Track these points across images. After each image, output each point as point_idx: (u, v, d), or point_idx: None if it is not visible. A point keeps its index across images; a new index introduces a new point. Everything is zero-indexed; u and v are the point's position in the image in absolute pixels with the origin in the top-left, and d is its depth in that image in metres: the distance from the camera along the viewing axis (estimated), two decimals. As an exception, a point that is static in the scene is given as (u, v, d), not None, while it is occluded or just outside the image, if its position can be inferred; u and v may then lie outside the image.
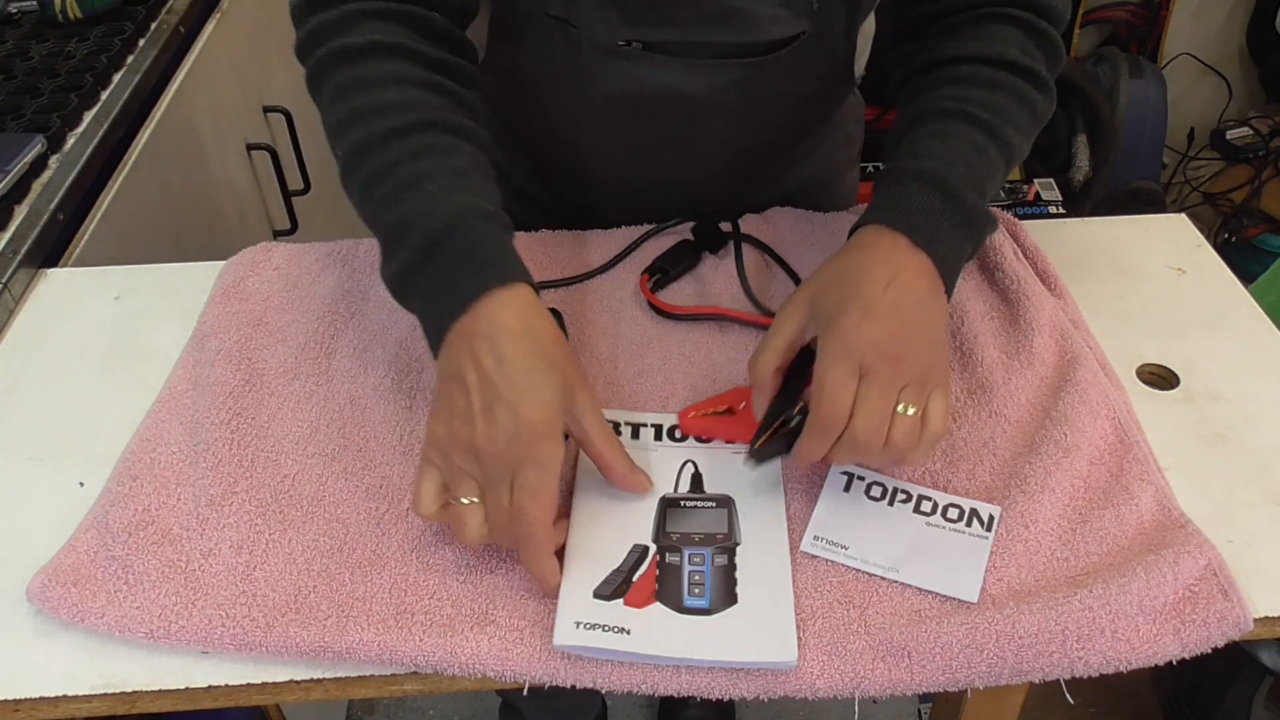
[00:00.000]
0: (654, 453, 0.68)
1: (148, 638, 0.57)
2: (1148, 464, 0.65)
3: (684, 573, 0.59)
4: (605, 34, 0.74)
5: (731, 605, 0.58)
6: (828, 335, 0.59)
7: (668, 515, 0.63)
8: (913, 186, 0.64)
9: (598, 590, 0.58)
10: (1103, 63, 2.28)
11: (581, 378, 0.60)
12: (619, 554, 0.61)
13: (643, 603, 0.58)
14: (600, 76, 0.77)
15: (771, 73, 0.77)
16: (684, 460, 0.67)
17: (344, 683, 0.57)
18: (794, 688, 0.56)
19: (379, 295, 0.81)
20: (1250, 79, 2.38)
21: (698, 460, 0.67)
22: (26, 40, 1.19)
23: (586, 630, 0.56)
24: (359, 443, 0.69)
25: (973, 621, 0.56)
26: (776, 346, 0.63)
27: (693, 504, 0.64)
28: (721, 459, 0.67)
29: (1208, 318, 0.79)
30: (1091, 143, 2.22)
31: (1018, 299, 0.77)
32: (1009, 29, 0.72)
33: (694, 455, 0.68)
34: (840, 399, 0.57)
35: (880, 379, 0.57)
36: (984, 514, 0.63)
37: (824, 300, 0.61)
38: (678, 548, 0.61)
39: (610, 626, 0.56)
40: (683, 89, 0.77)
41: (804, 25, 0.74)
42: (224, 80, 1.34)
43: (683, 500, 0.64)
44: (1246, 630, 0.56)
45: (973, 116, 0.67)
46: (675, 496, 0.65)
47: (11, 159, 0.93)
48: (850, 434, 0.57)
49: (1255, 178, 2.28)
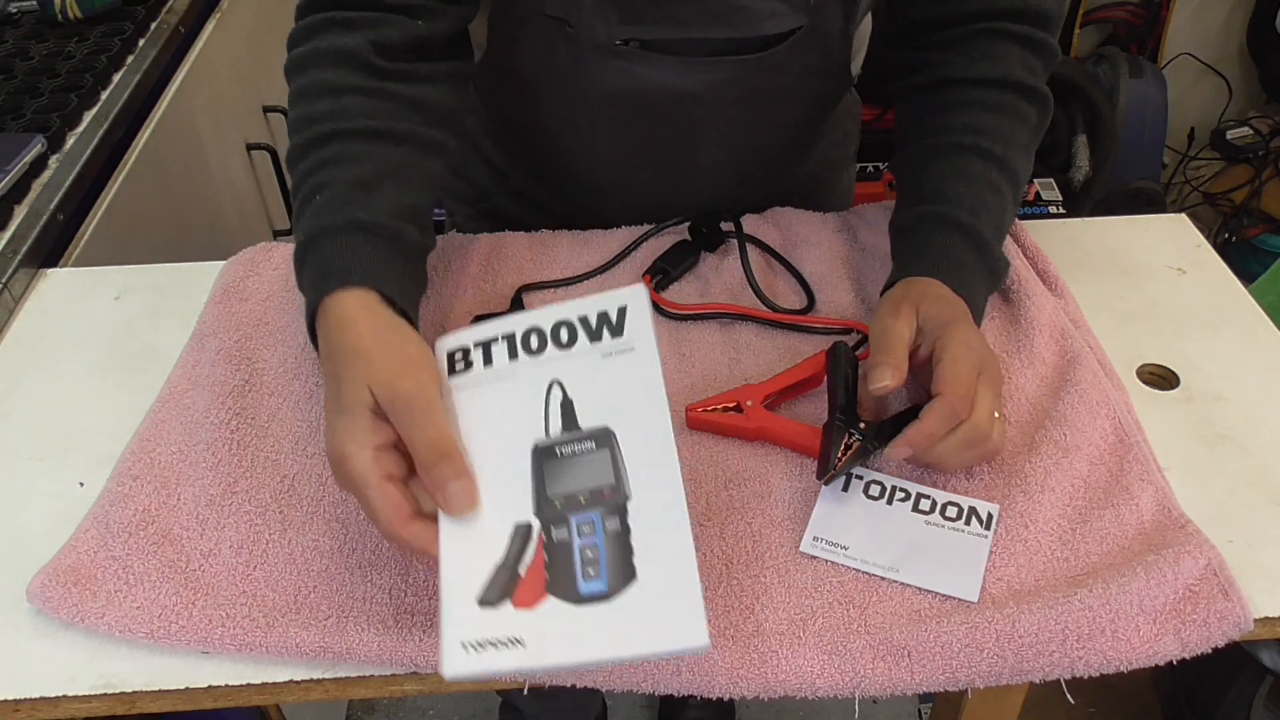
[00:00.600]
0: (510, 382, 0.58)
1: (148, 638, 0.57)
2: (1148, 464, 0.65)
3: (574, 550, 0.53)
4: (604, 33, 0.74)
5: (631, 582, 0.51)
6: (949, 337, 0.63)
7: (545, 472, 0.55)
8: (951, 238, 0.70)
9: (483, 597, 0.52)
10: (1103, 63, 2.28)
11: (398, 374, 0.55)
12: (499, 538, 0.54)
13: (534, 599, 0.52)
14: (598, 76, 0.77)
15: (768, 69, 0.77)
16: (549, 380, 0.57)
17: (344, 683, 0.57)
18: (794, 687, 0.56)
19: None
20: (1250, 79, 2.38)
21: (562, 378, 0.57)
22: (26, 40, 1.19)
23: (476, 653, 0.51)
24: (359, 443, 0.69)
25: (973, 621, 0.56)
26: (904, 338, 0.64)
27: (570, 448, 0.56)
28: (582, 362, 0.58)
29: (1208, 318, 0.79)
30: (1091, 143, 2.22)
31: (1018, 299, 0.77)
32: (1010, 47, 0.76)
33: (556, 368, 0.58)
34: (971, 389, 0.62)
35: (993, 381, 0.64)
36: (983, 512, 0.63)
37: (930, 308, 0.65)
38: (564, 517, 0.54)
39: (502, 641, 0.51)
40: (681, 87, 0.77)
41: (800, 20, 0.74)
42: (224, 80, 1.34)
43: (558, 446, 0.56)
44: (1246, 630, 0.56)
45: (987, 152, 0.72)
46: (549, 442, 0.56)
47: (11, 159, 0.93)
48: (973, 423, 0.61)
49: (1255, 178, 2.28)
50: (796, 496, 0.65)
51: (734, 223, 0.86)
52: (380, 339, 0.57)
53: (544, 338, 0.59)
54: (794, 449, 0.68)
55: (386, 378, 0.55)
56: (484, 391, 0.58)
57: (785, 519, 0.64)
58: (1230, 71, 2.36)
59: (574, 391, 0.57)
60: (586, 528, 0.54)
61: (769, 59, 0.76)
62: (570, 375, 0.57)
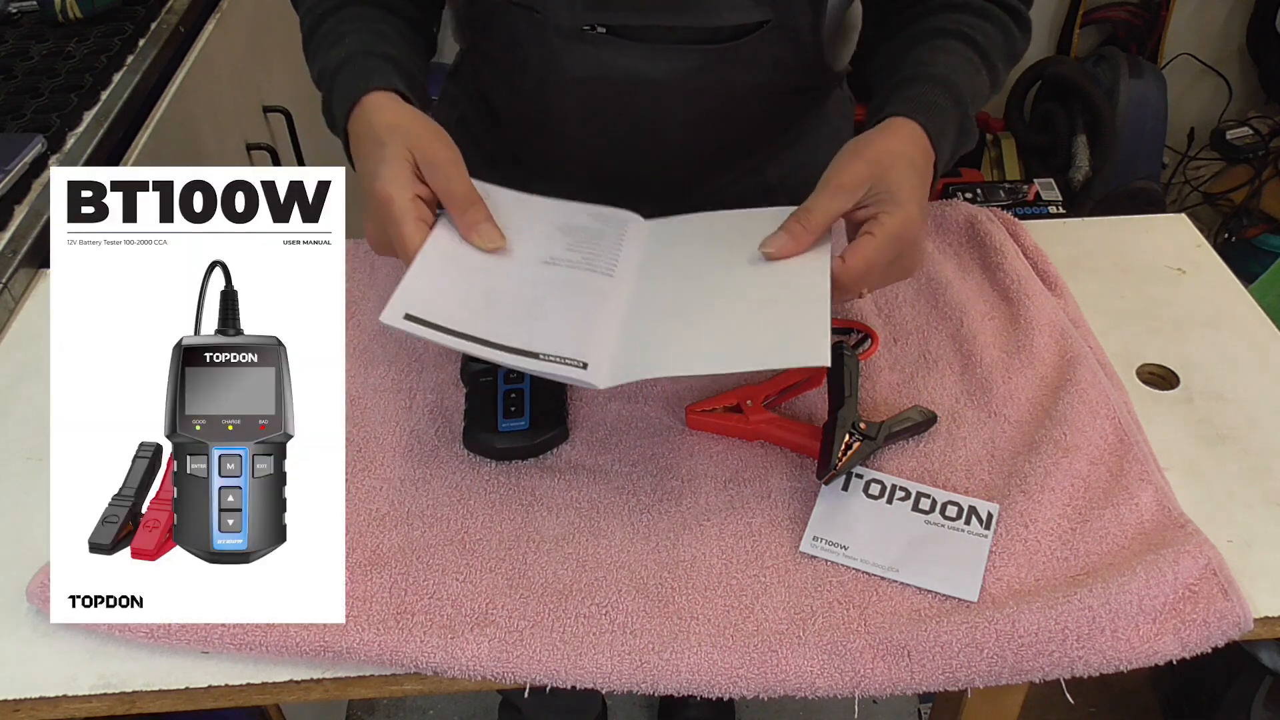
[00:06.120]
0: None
1: (148, 638, 0.57)
2: (1148, 464, 0.65)
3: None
4: (569, 18, 0.75)
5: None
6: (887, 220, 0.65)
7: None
8: (931, 88, 0.72)
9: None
10: (1103, 63, 2.28)
11: (434, 143, 0.67)
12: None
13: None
14: (567, 61, 0.78)
15: (734, 61, 0.78)
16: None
17: (344, 683, 0.57)
18: (794, 687, 0.56)
19: (378, 295, 0.81)
20: (1250, 79, 2.38)
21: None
22: (26, 40, 1.19)
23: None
24: (358, 443, 0.69)
25: (972, 621, 0.56)
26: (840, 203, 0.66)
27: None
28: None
29: (1208, 318, 0.79)
30: (1091, 143, 2.22)
31: (1018, 299, 0.77)
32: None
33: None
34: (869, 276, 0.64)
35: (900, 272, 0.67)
36: (983, 512, 0.63)
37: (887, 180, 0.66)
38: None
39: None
40: (647, 74, 0.78)
41: (765, 14, 0.75)
42: (224, 80, 1.34)
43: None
44: (1246, 630, 0.56)
45: (969, 38, 0.75)
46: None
47: (11, 159, 0.93)
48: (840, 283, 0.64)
49: (1255, 178, 2.28)
50: (796, 496, 0.65)
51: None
52: (415, 117, 0.69)
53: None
54: (794, 449, 0.68)
55: (423, 144, 0.66)
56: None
57: (785, 519, 0.64)
58: (1230, 71, 2.36)
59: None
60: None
61: (736, 51, 0.77)
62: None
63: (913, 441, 0.69)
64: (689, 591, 0.60)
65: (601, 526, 0.64)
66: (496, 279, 0.64)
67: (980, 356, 0.73)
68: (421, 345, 0.76)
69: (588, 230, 0.70)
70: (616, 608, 0.59)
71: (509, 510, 0.65)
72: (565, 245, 0.68)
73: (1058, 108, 2.27)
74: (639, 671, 0.56)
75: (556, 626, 0.58)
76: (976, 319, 0.76)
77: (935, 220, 0.87)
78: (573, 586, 0.60)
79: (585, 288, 0.64)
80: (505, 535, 0.64)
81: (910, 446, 0.68)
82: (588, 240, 0.69)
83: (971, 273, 0.82)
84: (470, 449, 0.68)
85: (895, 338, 0.77)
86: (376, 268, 0.84)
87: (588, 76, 0.79)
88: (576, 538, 0.63)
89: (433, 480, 0.67)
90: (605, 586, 0.60)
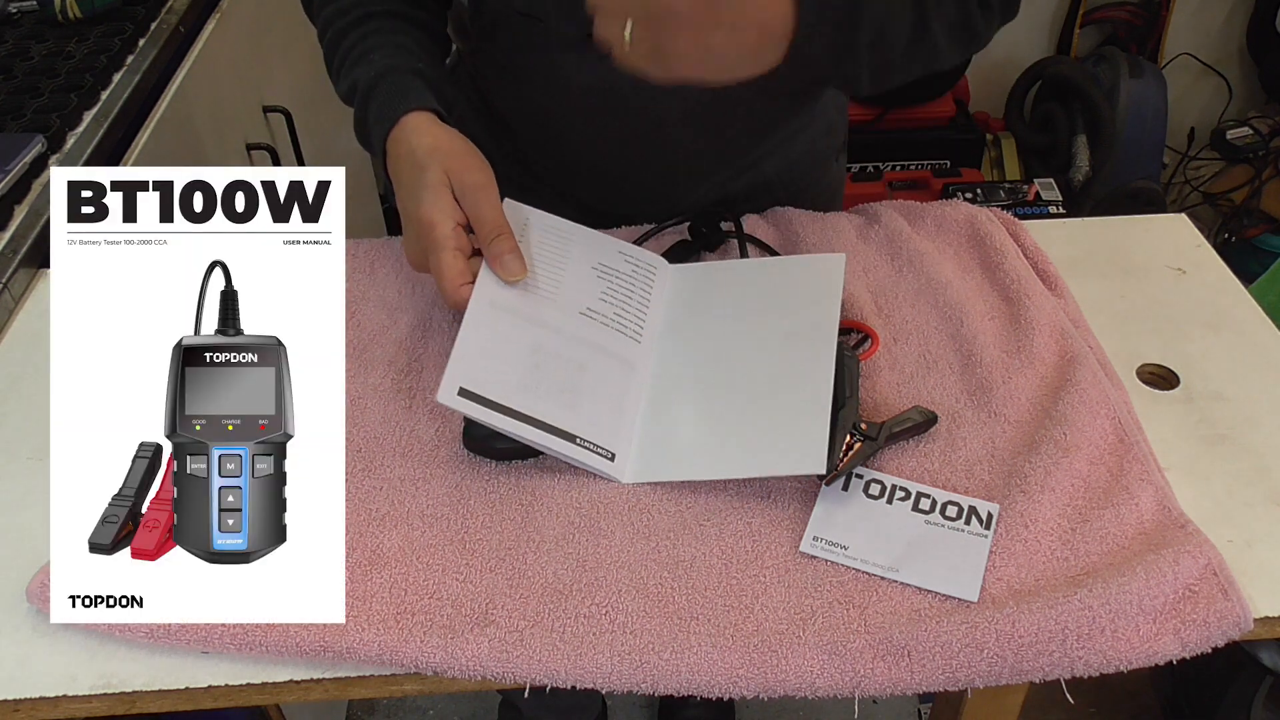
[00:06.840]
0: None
1: (148, 638, 0.57)
2: (1148, 464, 0.65)
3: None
4: (573, 29, 0.75)
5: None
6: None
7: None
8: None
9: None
10: (1103, 63, 2.28)
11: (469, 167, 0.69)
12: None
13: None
14: (571, 69, 0.79)
15: None
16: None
17: (344, 683, 0.57)
18: (794, 687, 0.56)
19: (378, 295, 0.81)
20: (1250, 79, 2.38)
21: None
22: (26, 40, 1.19)
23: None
24: (358, 443, 0.69)
25: (972, 621, 0.56)
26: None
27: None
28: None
29: (1208, 318, 0.79)
30: (1091, 143, 2.22)
31: (1018, 299, 0.77)
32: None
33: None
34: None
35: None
36: (983, 512, 0.63)
37: None
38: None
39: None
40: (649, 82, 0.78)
41: None
42: (224, 80, 1.34)
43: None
44: (1246, 630, 0.56)
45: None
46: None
47: (11, 159, 0.93)
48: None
49: (1255, 178, 2.28)
50: (796, 496, 0.65)
51: (734, 222, 0.86)
52: (452, 139, 0.71)
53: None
54: (794, 449, 0.68)
55: (460, 167, 0.68)
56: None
57: (785, 519, 0.64)
58: (1230, 71, 2.37)
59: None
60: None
61: None
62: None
63: (913, 442, 0.69)
64: (689, 591, 0.60)
65: (601, 526, 0.64)
66: (542, 337, 0.68)
67: (980, 356, 0.73)
68: (421, 346, 0.76)
69: (619, 275, 0.74)
70: (616, 608, 0.59)
71: (509, 510, 0.65)
72: (600, 293, 0.72)
73: (1058, 108, 2.27)
74: (639, 671, 0.56)
75: (556, 626, 0.58)
76: (976, 319, 0.76)
77: (935, 220, 0.87)
78: (573, 586, 0.60)
79: (617, 356, 0.70)
80: (505, 535, 0.64)
81: (910, 447, 0.68)
82: (620, 289, 0.73)
83: (971, 273, 0.82)
84: (470, 449, 0.68)
85: (895, 338, 0.77)
86: (376, 268, 0.84)
87: (593, 83, 0.80)
88: (576, 538, 0.63)
89: (433, 480, 0.67)
90: (605, 586, 0.60)
